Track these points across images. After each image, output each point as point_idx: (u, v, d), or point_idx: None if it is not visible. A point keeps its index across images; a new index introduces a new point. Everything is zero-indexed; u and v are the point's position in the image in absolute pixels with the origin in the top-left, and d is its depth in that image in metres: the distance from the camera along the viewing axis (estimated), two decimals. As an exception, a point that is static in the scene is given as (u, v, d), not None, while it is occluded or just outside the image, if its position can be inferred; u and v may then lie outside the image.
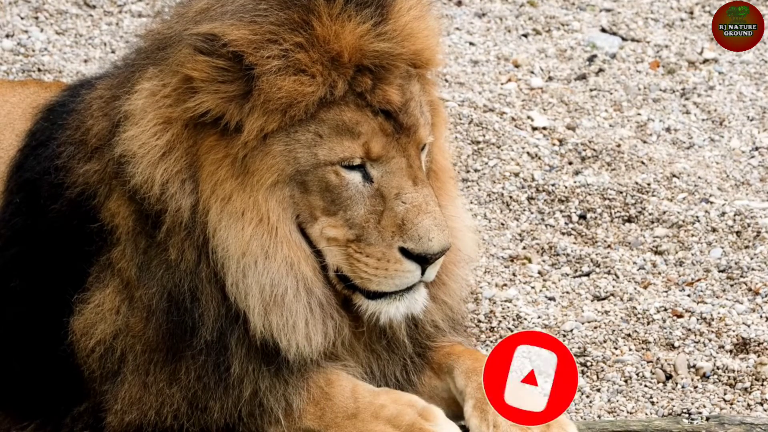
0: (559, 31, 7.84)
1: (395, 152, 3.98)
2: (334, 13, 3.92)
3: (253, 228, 3.99)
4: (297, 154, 3.97)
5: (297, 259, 4.03)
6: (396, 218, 3.95)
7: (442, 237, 3.94)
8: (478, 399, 4.15)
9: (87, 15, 7.81)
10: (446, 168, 4.31)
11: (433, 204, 3.97)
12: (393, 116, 3.98)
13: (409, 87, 4.02)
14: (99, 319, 4.22)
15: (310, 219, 4.04)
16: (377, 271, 4.00)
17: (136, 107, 4.07)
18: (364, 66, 3.95)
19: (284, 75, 3.90)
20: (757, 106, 7.01)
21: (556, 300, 5.47)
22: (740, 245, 5.78)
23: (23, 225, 4.40)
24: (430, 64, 4.15)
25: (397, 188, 3.97)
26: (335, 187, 3.99)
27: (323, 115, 3.95)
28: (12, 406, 4.43)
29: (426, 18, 4.10)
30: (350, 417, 4.09)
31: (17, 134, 4.77)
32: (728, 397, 4.82)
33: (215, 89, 3.94)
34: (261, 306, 4.01)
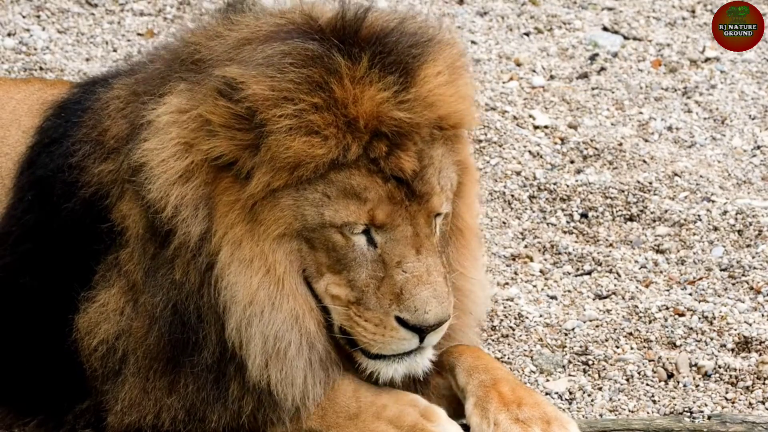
0: (560, 29, 7.84)
1: (401, 220, 3.92)
2: (357, 76, 3.87)
3: (261, 278, 3.97)
4: (304, 211, 3.94)
5: (302, 312, 4.01)
6: (395, 287, 3.91)
7: (440, 310, 3.90)
8: (479, 397, 4.15)
9: (89, 14, 7.81)
10: (472, 227, 4.26)
11: (436, 274, 3.91)
12: (406, 183, 3.92)
13: (429, 152, 3.96)
14: (103, 318, 4.22)
15: (316, 274, 4.01)
16: (375, 336, 3.97)
17: (161, 120, 4.04)
18: (381, 132, 3.89)
19: (294, 135, 3.85)
20: (759, 105, 7.01)
21: (557, 299, 5.47)
22: (742, 244, 5.78)
23: (35, 222, 4.40)
24: (459, 127, 4.09)
25: (399, 256, 3.92)
26: (340, 247, 3.95)
27: (333, 176, 3.90)
28: (15, 402, 4.44)
29: (456, 82, 4.03)
30: (352, 417, 4.10)
31: (24, 131, 4.77)
32: (730, 396, 4.82)
33: (231, 135, 3.90)
34: (262, 357, 4.01)
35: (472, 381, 4.21)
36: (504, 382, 4.17)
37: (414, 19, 4.15)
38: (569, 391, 4.87)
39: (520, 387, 4.17)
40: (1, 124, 4.92)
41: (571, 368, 5.02)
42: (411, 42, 3.99)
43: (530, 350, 5.11)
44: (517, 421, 4.04)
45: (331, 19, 4.00)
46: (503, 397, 4.11)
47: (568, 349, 5.10)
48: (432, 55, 4.00)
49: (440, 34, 4.13)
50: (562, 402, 4.83)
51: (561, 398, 4.85)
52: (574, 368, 5.02)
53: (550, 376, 4.98)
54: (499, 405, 4.09)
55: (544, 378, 4.96)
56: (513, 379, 4.23)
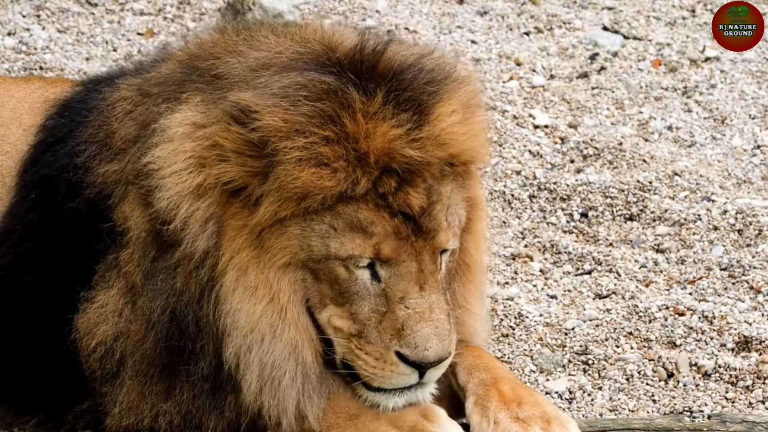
0: (560, 29, 7.84)
1: (406, 256, 3.91)
2: (370, 112, 3.87)
3: (264, 306, 3.97)
4: (311, 241, 3.93)
5: (301, 342, 4.00)
6: (396, 322, 3.90)
7: (440, 347, 3.89)
8: (479, 395, 4.15)
9: (89, 13, 7.81)
10: (479, 263, 4.24)
11: (438, 312, 3.91)
12: (413, 219, 3.91)
13: (438, 188, 3.96)
14: (102, 319, 4.22)
15: (319, 305, 4.01)
16: (375, 370, 3.97)
17: (176, 131, 4.03)
18: (392, 168, 3.89)
19: (303, 166, 3.84)
20: (759, 105, 7.01)
21: (557, 298, 5.47)
22: (742, 243, 5.78)
23: (39, 221, 4.40)
24: (471, 164, 4.08)
25: (402, 292, 3.91)
26: (344, 280, 3.95)
27: (341, 208, 3.89)
28: (15, 401, 4.44)
29: (469, 120, 4.03)
30: (352, 418, 4.10)
31: (24, 129, 4.77)
32: (730, 396, 4.82)
33: (242, 162, 3.90)
34: (257, 384, 4.01)
35: (473, 380, 4.22)
36: (504, 380, 4.18)
37: (432, 54, 4.15)
38: (569, 391, 4.87)
39: (521, 386, 4.18)
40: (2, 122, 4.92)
41: (571, 368, 5.02)
42: (427, 79, 3.99)
43: (530, 350, 5.11)
44: (517, 419, 4.04)
45: (349, 51, 3.99)
46: (504, 395, 4.11)
47: (568, 348, 5.10)
48: (447, 94, 3.99)
49: (457, 71, 4.12)
50: (562, 401, 4.83)
51: (561, 398, 4.85)
52: (574, 368, 5.02)
53: (550, 375, 4.98)
54: (499, 403, 4.09)
55: (544, 377, 4.96)
56: (514, 378, 4.23)
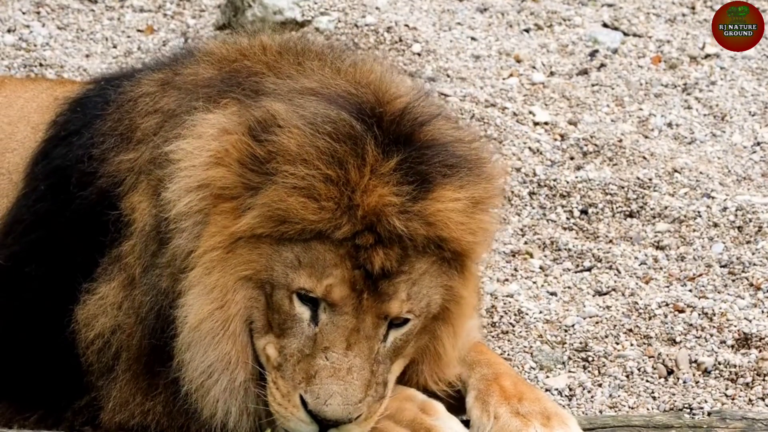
0: (560, 26, 7.84)
1: (351, 309, 3.90)
2: (379, 171, 3.88)
3: (213, 309, 3.98)
4: (275, 265, 3.94)
5: (236, 359, 4.00)
6: (312, 368, 3.89)
7: (341, 409, 3.85)
8: (480, 390, 4.16)
9: (89, 10, 7.81)
10: (450, 355, 4.17)
11: (356, 376, 3.87)
12: (374, 279, 3.90)
13: (414, 262, 3.94)
14: (101, 311, 4.23)
15: (261, 331, 4.01)
16: (279, 407, 3.95)
17: (206, 131, 4.04)
18: (375, 228, 3.89)
19: (293, 192, 3.86)
20: (759, 102, 7.01)
21: (557, 295, 5.47)
22: (742, 240, 5.78)
23: (47, 211, 4.41)
24: (463, 256, 4.05)
25: (329, 343, 3.89)
26: (286, 313, 3.94)
27: (314, 245, 3.90)
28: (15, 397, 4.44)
29: (474, 215, 4.00)
30: None
31: (32, 127, 4.78)
32: (730, 392, 4.82)
33: (241, 173, 3.93)
34: (194, 386, 4.02)
35: (474, 375, 4.22)
36: (506, 376, 4.18)
37: (471, 142, 4.13)
38: (569, 388, 4.88)
39: (522, 382, 4.18)
40: (9, 120, 4.94)
41: (571, 365, 5.03)
42: (450, 162, 3.97)
43: (530, 346, 5.11)
44: (518, 414, 4.04)
45: (396, 111, 3.98)
46: (505, 391, 4.11)
47: (568, 345, 5.11)
48: (459, 181, 3.97)
49: (487, 166, 4.10)
50: (562, 398, 4.83)
51: (561, 394, 4.85)
52: (574, 365, 5.02)
53: (550, 372, 4.98)
54: (499, 398, 4.09)
55: (544, 374, 4.96)
56: (515, 375, 4.23)
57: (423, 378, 4.18)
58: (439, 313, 4.07)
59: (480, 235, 4.04)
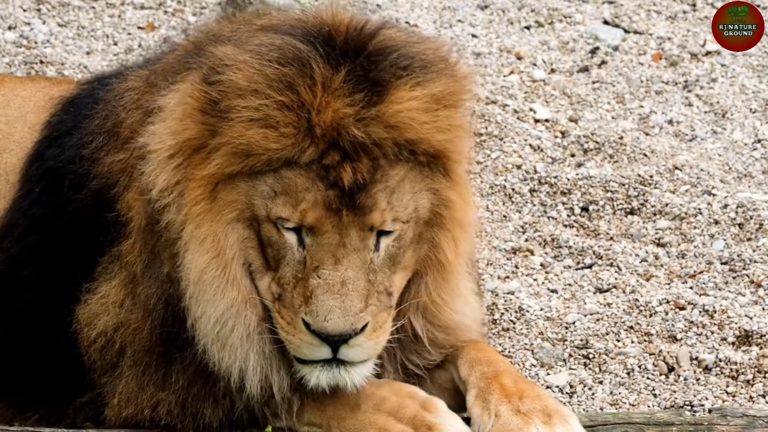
0: (561, 23, 7.84)
1: (331, 227, 3.91)
2: (330, 87, 3.89)
3: (210, 258, 4.00)
4: (254, 200, 3.97)
5: (243, 303, 4.02)
6: (307, 289, 3.90)
7: (342, 321, 3.87)
8: (480, 389, 4.15)
9: (89, 7, 7.81)
10: (454, 264, 4.17)
11: (350, 287, 3.89)
12: (350, 193, 3.91)
13: (387, 170, 3.95)
14: (103, 310, 4.24)
15: (260, 270, 4.04)
16: (288, 335, 3.97)
17: (169, 103, 4.08)
18: (339, 144, 3.90)
19: (252, 125, 3.88)
20: (760, 99, 7.01)
21: (558, 292, 5.47)
22: (742, 237, 5.78)
23: (43, 214, 4.42)
24: (440, 158, 4.05)
25: (318, 261, 3.91)
26: (275, 242, 3.97)
27: (284, 173, 3.92)
28: (15, 397, 4.44)
29: (438, 112, 3.99)
30: (352, 409, 4.10)
31: (30, 127, 4.78)
32: (730, 390, 4.82)
33: (203, 120, 3.96)
34: (210, 338, 4.03)
35: (474, 373, 4.22)
36: (506, 374, 4.18)
37: (425, 43, 4.12)
38: (570, 385, 4.88)
39: (522, 380, 4.18)
40: (7, 120, 4.94)
41: (571, 362, 5.03)
42: (402, 64, 3.98)
43: (531, 344, 5.11)
44: (518, 413, 4.04)
45: (339, 26, 4.00)
46: (505, 389, 4.11)
47: (569, 342, 5.11)
48: (415, 80, 3.97)
49: (447, 65, 4.08)
50: (562, 396, 4.83)
51: (562, 392, 4.85)
52: (575, 362, 5.03)
53: (550, 369, 4.99)
54: (500, 396, 4.09)
55: (545, 371, 4.96)
56: (515, 372, 4.23)
57: (429, 293, 4.16)
58: (432, 219, 4.08)
59: (451, 132, 4.03)
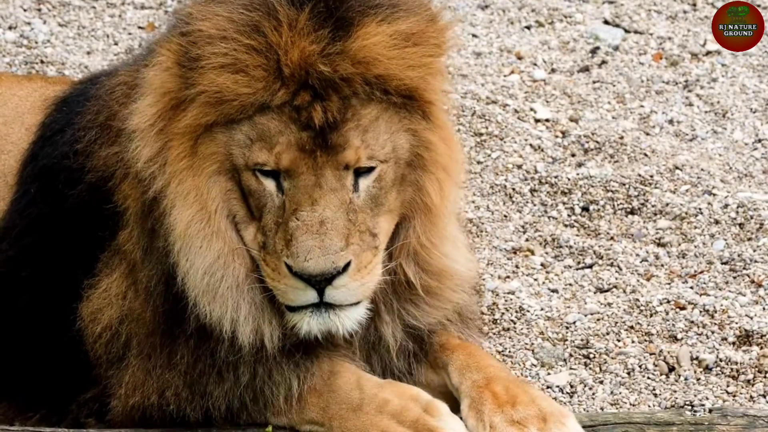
0: (561, 23, 7.84)
1: (306, 168, 3.94)
2: (296, 27, 3.91)
3: (195, 212, 4.03)
4: (232, 150, 3.99)
5: (231, 257, 4.04)
6: (287, 233, 3.93)
7: (323, 260, 3.88)
8: (473, 399, 4.14)
9: (90, 7, 7.81)
10: (440, 207, 4.18)
11: (329, 227, 3.90)
12: (322, 134, 3.94)
13: (359, 109, 3.97)
14: (106, 304, 4.25)
15: (244, 220, 4.06)
16: (274, 282, 4.00)
17: (147, 78, 4.12)
18: (309, 83, 3.93)
19: (223, 72, 3.91)
20: (760, 98, 7.00)
21: (558, 292, 5.47)
22: (743, 237, 5.78)
23: (39, 214, 4.43)
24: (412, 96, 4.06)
25: (296, 204, 3.93)
26: (255, 191, 4.00)
27: (258, 118, 3.95)
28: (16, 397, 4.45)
29: (406, 49, 4.00)
30: (354, 410, 4.10)
31: (27, 128, 4.79)
32: (731, 389, 4.82)
33: (180, 73, 3.99)
34: (200, 290, 4.04)
35: (465, 381, 4.21)
36: (497, 381, 4.16)
37: None
38: (570, 385, 4.88)
39: (514, 384, 4.17)
40: (4, 121, 4.94)
41: (572, 362, 5.03)
42: (371, 3, 4.00)
43: (531, 344, 5.11)
44: (513, 422, 4.04)
45: None
46: (497, 397, 4.11)
47: (570, 342, 5.11)
48: (382, 17, 3.99)
49: (419, 6, 4.09)
50: (563, 395, 4.83)
51: (562, 392, 4.85)
52: (576, 362, 5.03)
53: (551, 369, 4.98)
54: (493, 406, 4.08)
55: (546, 371, 4.96)
56: (506, 377, 4.21)
57: (417, 236, 4.16)
58: (414, 161, 4.10)
59: (422, 70, 4.04)
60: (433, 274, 4.22)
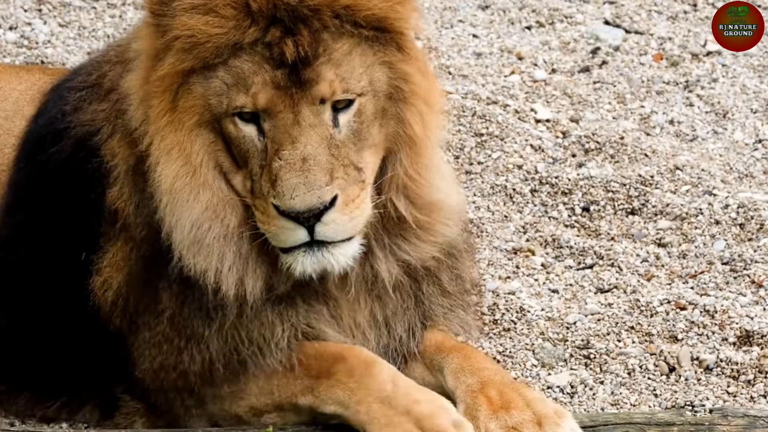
0: (562, 23, 7.84)
1: (283, 107, 3.94)
2: None
3: (179, 167, 4.02)
4: (210, 100, 3.99)
5: (221, 206, 4.04)
6: (271, 174, 3.92)
7: (308, 197, 3.87)
8: (467, 404, 4.14)
9: (90, 7, 7.81)
10: (423, 138, 4.17)
11: (312, 163, 3.89)
12: (295, 70, 3.93)
13: (332, 43, 3.96)
14: (114, 270, 4.25)
15: (231, 170, 4.06)
16: (264, 225, 3.99)
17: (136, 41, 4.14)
18: (278, 18, 3.92)
19: (194, 14, 3.92)
20: (761, 99, 7.00)
21: (559, 292, 5.47)
22: (743, 237, 5.78)
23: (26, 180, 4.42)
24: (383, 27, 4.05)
25: (277, 144, 3.93)
26: (236, 138, 4.00)
27: (232, 62, 3.95)
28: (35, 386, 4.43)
29: None
30: (382, 401, 4.05)
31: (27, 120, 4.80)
32: (731, 390, 4.82)
33: (156, 23, 4.00)
34: (186, 243, 4.04)
35: (460, 386, 4.20)
36: (490, 385, 4.16)
37: None
38: (571, 385, 4.88)
39: (509, 388, 4.16)
40: (6, 115, 4.95)
41: (572, 362, 5.03)
42: None
43: (532, 344, 5.11)
44: (508, 428, 4.04)
45: None
46: (492, 402, 4.10)
47: (570, 342, 5.11)
48: None
49: None
50: (563, 396, 4.83)
51: (563, 392, 4.85)
52: (576, 362, 5.03)
53: (551, 369, 4.98)
54: (488, 412, 4.08)
55: (546, 372, 4.96)
56: (501, 380, 4.20)
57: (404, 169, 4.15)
58: (393, 93, 4.08)
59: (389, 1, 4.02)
60: (423, 207, 4.21)
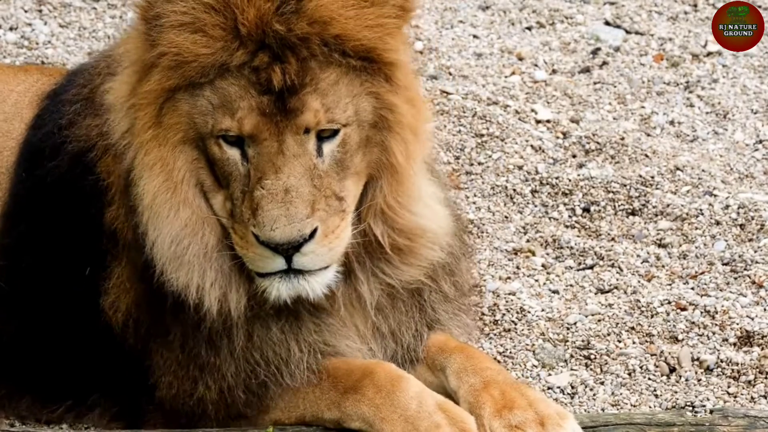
0: (562, 24, 7.83)
1: (269, 134, 3.93)
2: None
3: (161, 182, 4.02)
4: (195, 118, 3.99)
5: (200, 225, 4.04)
6: (253, 202, 3.92)
7: (289, 229, 3.87)
8: (470, 404, 4.15)
9: (90, 8, 7.81)
10: (405, 168, 4.16)
11: (295, 195, 3.90)
12: (282, 98, 3.92)
13: (318, 72, 3.95)
14: (122, 292, 4.25)
15: (212, 189, 4.05)
16: (242, 249, 3.99)
17: (124, 48, 4.14)
18: (266, 43, 3.92)
19: (181, 31, 3.91)
20: (761, 99, 7.00)
21: (559, 293, 5.47)
22: (744, 238, 5.78)
23: (26, 193, 4.43)
24: (372, 57, 4.04)
25: (260, 172, 3.93)
26: (219, 160, 3.99)
27: (219, 83, 3.94)
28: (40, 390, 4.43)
29: (364, 9, 3.99)
30: (407, 420, 4.04)
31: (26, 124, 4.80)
32: (732, 390, 4.82)
33: (145, 32, 3.99)
34: (167, 258, 4.04)
35: (463, 385, 4.21)
36: (493, 384, 4.16)
37: None
38: (571, 386, 4.88)
39: (511, 388, 4.17)
40: (5, 117, 4.95)
41: (573, 362, 5.03)
42: None
43: (532, 344, 5.11)
44: (511, 427, 4.05)
45: None
46: (495, 402, 4.11)
47: (570, 343, 5.11)
48: None
49: None
50: (564, 396, 4.83)
51: (563, 392, 4.85)
52: (576, 362, 5.02)
53: (552, 370, 4.98)
54: (491, 411, 4.09)
55: (546, 372, 4.96)
56: (503, 380, 4.21)
57: (384, 196, 4.14)
58: (379, 122, 4.07)
59: (381, 30, 4.02)
60: (402, 232, 4.21)
